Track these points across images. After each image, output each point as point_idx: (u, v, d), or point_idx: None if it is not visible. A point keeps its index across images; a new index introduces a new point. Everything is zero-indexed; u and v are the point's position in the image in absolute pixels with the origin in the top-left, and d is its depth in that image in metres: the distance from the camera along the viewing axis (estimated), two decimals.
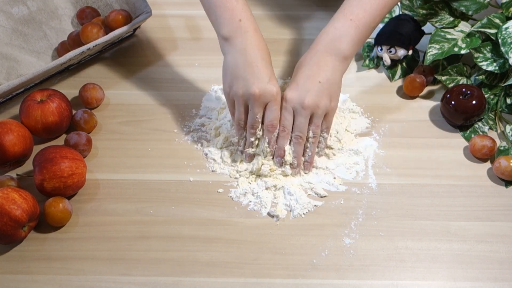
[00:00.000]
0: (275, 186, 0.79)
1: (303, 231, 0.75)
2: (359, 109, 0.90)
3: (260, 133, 0.80)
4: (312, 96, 0.76)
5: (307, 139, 0.79)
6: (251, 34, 0.77)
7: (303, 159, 0.80)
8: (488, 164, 0.83)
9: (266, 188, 0.79)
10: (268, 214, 0.77)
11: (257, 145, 0.81)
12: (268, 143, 0.79)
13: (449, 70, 0.91)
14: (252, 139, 0.79)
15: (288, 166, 0.80)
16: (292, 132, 0.79)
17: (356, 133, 0.86)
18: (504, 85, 0.87)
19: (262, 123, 0.79)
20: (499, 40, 0.85)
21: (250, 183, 0.80)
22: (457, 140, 0.86)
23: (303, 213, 0.77)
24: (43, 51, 1.00)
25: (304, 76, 0.78)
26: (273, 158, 0.80)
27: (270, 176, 0.80)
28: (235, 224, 0.76)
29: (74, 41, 0.98)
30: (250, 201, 0.78)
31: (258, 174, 0.80)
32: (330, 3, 1.11)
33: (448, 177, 0.81)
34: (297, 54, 1.00)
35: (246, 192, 0.79)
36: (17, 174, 0.82)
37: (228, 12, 0.77)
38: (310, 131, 0.79)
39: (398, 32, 0.92)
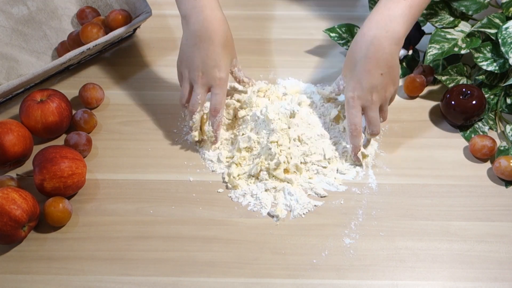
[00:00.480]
0: (274, 188, 0.79)
1: (303, 231, 0.75)
2: None
3: (197, 117, 0.82)
4: (378, 90, 0.77)
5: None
6: (207, 13, 0.77)
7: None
8: (488, 164, 0.83)
9: (266, 190, 0.79)
10: (268, 214, 0.77)
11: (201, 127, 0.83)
12: (212, 126, 0.81)
13: (449, 70, 0.91)
14: (190, 120, 0.81)
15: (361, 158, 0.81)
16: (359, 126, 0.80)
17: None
18: (504, 85, 0.87)
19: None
20: (499, 40, 0.85)
21: (248, 184, 0.80)
22: (457, 140, 0.86)
23: (303, 213, 0.76)
24: (43, 51, 1.00)
25: (364, 71, 0.77)
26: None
27: (268, 180, 0.80)
28: (235, 224, 0.76)
29: (74, 41, 0.98)
30: (250, 202, 0.78)
31: (257, 177, 0.80)
32: (330, 3, 1.11)
33: (448, 177, 0.81)
34: (297, 54, 1.00)
35: (245, 193, 0.79)
36: (17, 174, 0.82)
37: None
38: (381, 118, 0.81)
39: None
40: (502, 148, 0.83)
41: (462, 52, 0.89)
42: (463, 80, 0.91)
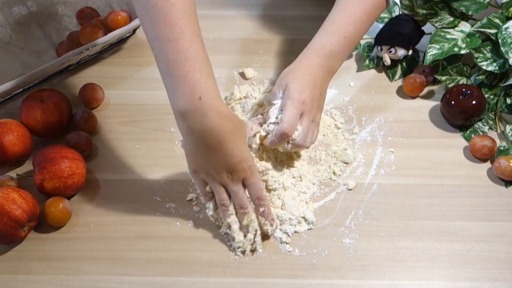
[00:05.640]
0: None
1: (303, 231, 0.75)
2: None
3: (252, 216, 0.72)
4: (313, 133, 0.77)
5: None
6: (212, 115, 0.65)
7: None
8: (488, 164, 0.83)
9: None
10: None
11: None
12: (264, 216, 0.72)
13: (449, 70, 0.91)
14: (245, 220, 0.72)
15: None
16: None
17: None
18: (504, 85, 0.87)
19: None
20: (499, 40, 0.85)
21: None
22: (457, 140, 0.86)
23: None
24: (43, 51, 1.00)
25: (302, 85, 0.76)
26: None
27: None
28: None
29: (73, 41, 0.98)
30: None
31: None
32: (330, 3, 1.11)
33: (448, 177, 0.81)
34: (297, 54, 1.00)
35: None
36: (17, 174, 0.82)
37: (187, 86, 0.65)
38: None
39: (398, 32, 0.92)
40: (502, 148, 0.83)
41: (462, 52, 0.89)
42: (463, 80, 0.91)
